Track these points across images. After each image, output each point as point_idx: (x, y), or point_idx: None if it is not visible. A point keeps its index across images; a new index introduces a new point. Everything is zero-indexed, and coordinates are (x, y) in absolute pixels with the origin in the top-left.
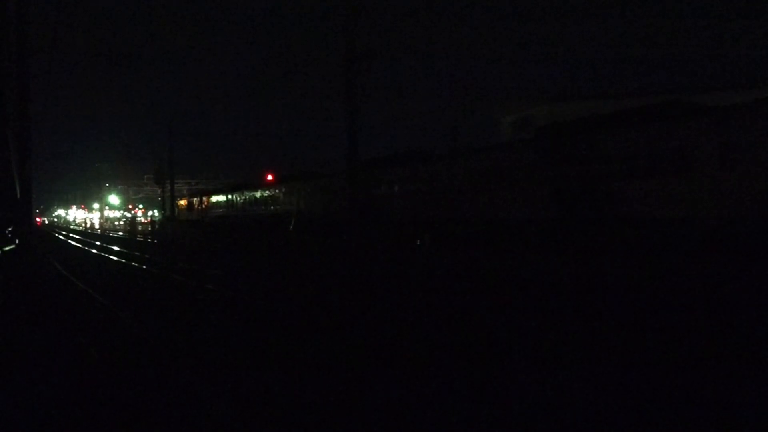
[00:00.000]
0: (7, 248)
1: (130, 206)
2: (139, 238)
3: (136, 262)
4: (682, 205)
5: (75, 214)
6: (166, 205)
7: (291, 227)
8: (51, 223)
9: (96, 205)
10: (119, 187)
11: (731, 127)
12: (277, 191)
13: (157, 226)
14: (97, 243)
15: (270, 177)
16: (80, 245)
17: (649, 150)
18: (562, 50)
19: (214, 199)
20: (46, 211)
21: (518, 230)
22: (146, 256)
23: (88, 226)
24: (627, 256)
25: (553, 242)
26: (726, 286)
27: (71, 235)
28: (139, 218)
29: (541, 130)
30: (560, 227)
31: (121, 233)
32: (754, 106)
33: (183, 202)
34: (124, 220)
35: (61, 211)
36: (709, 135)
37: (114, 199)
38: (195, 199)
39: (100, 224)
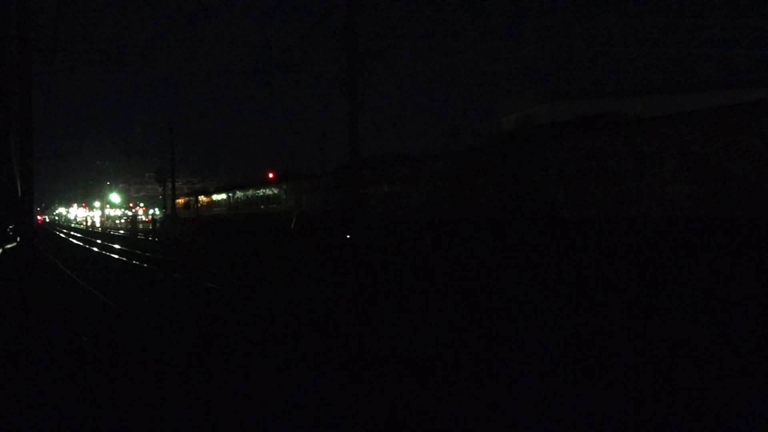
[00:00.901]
0: (9, 246)
1: (131, 205)
2: (140, 237)
3: (137, 261)
4: (605, 207)
5: (76, 213)
6: (168, 203)
7: (292, 226)
8: (52, 221)
9: (97, 204)
10: (120, 185)
11: (644, 137)
12: (278, 190)
13: (158, 225)
14: (98, 241)
15: (271, 175)
16: (81, 243)
17: (578, 158)
18: (565, 48)
19: (216, 197)
20: (47, 209)
21: (472, 229)
22: (147, 254)
23: (89, 224)
24: (558, 251)
25: (499, 240)
26: (637, 276)
27: (72, 233)
28: (140, 217)
29: (493, 139)
30: (507, 227)
31: (122, 232)
32: (661, 120)
33: (184, 201)
34: (125, 218)
35: (62, 210)
36: (625, 145)
37: (115, 197)
38: (197, 197)
39: (101, 223)
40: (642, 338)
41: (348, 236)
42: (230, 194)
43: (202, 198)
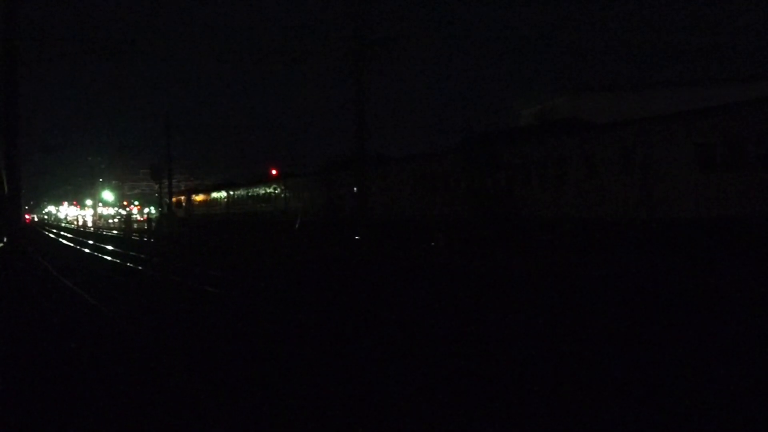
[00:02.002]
0: None
1: (125, 203)
2: (135, 237)
3: (131, 263)
4: (559, 207)
5: (66, 211)
6: (164, 201)
7: (297, 226)
8: (41, 220)
9: (89, 202)
10: (113, 182)
11: (594, 143)
12: (281, 188)
13: (153, 225)
14: (90, 242)
15: (274, 172)
16: (72, 244)
17: (537, 162)
18: (585, 40)
19: (215, 195)
20: (36, 207)
21: (441, 227)
22: (141, 256)
23: (80, 223)
24: (519, 246)
25: (465, 236)
26: (593, 267)
27: (62, 233)
28: (134, 216)
29: (462, 142)
30: (473, 224)
31: (115, 231)
32: (610, 127)
33: (182, 199)
34: (119, 217)
35: (51, 208)
36: (578, 150)
37: (108, 195)
38: (195, 196)
39: (93, 222)
40: (583, 324)
41: (357, 237)
42: (241, 192)
43: (198, 197)
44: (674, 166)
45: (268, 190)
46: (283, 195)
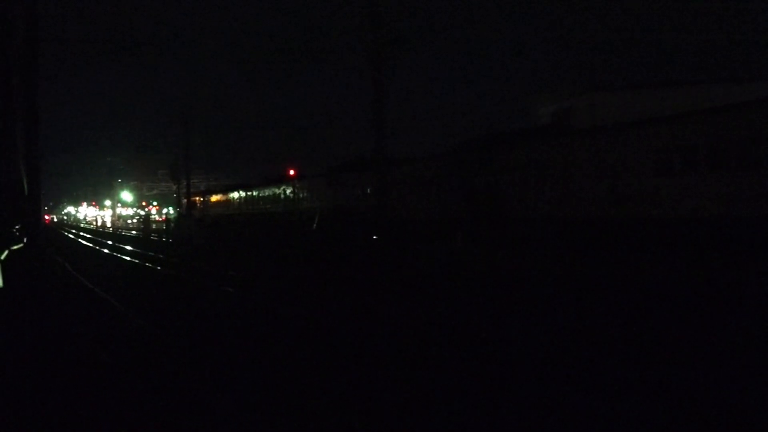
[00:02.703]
0: (15, 247)
1: (143, 203)
2: (153, 237)
3: (149, 263)
4: (542, 207)
5: (85, 212)
6: (182, 202)
7: (315, 226)
8: (60, 221)
9: (108, 203)
10: (132, 183)
11: (570, 148)
12: (299, 188)
13: (172, 225)
14: (109, 242)
15: (292, 172)
16: (91, 245)
17: (521, 166)
18: (607, 36)
19: (234, 195)
20: (55, 208)
21: (439, 226)
22: (160, 256)
23: (99, 224)
24: (510, 244)
25: (463, 234)
26: (577, 262)
27: (81, 233)
28: (153, 216)
29: (457, 146)
30: (468, 224)
31: (134, 232)
32: (584, 132)
33: (200, 200)
34: (138, 218)
35: (70, 209)
36: (557, 155)
37: (127, 195)
38: (210, 196)
39: (112, 222)
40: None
41: (375, 237)
42: (261, 192)
43: (214, 197)
44: (638, 170)
45: (278, 191)
46: (294, 195)
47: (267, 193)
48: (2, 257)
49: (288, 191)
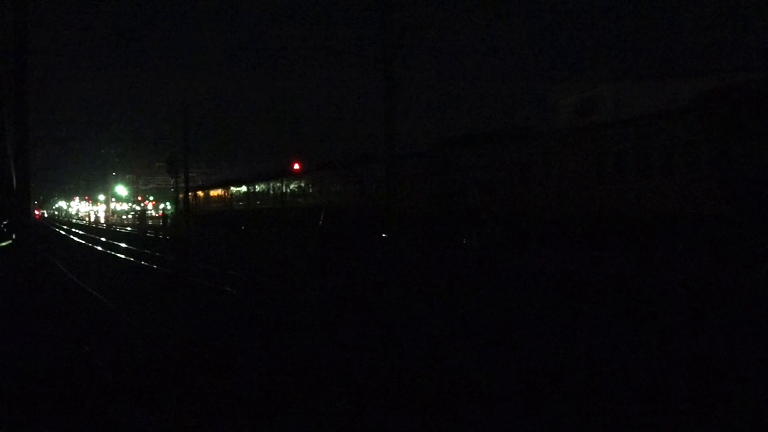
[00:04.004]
0: (3, 244)
1: (139, 198)
2: (150, 234)
3: (145, 261)
4: (500, 205)
5: (78, 207)
6: (180, 196)
7: (320, 223)
8: (51, 216)
9: (101, 197)
10: (128, 176)
11: (524, 152)
12: (304, 182)
13: (169, 221)
14: (103, 239)
15: (296, 166)
16: (84, 241)
17: (484, 167)
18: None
19: (235, 190)
20: (46, 203)
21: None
22: (156, 254)
23: (92, 219)
24: (468, 237)
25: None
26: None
27: (74, 230)
28: (149, 211)
29: (431, 145)
30: (437, 220)
31: (129, 228)
32: (536, 137)
33: (199, 194)
34: (133, 213)
35: (62, 203)
36: (512, 157)
37: (122, 190)
38: (213, 191)
39: (106, 218)
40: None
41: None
42: (263, 186)
43: (226, 190)
44: (582, 173)
45: (305, 184)
46: (298, 191)
47: (287, 187)
48: None
49: (291, 186)
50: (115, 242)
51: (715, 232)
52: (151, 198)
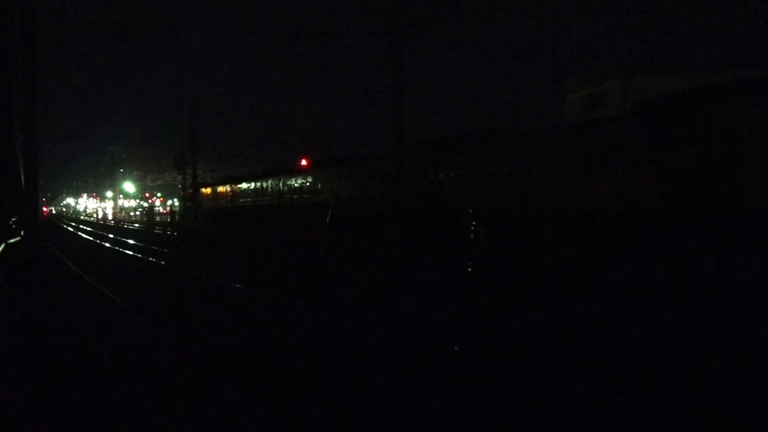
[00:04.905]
0: (12, 241)
1: (147, 195)
2: (157, 230)
3: (153, 258)
4: (470, 203)
5: (86, 204)
6: (187, 193)
7: (328, 219)
8: (59, 213)
9: (109, 194)
10: (135, 173)
11: (491, 154)
12: (312, 178)
13: (177, 217)
14: (111, 236)
15: (304, 162)
16: (92, 238)
17: (459, 165)
18: (642, 15)
19: (243, 186)
20: (54, 200)
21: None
22: (165, 250)
23: (100, 216)
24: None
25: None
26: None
27: (81, 226)
28: (157, 208)
29: (413, 145)
30: (420, 216)
31: (137, 225)
32: (500, 140)
33: (207, 191)
34: (141, 210)
35: (70, 200)
36: (480, 158)
37: (129, 186)
38: (220, 187)
39: (114, 215)
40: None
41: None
42: (270, 182)
43: (233, 186)
44: (541, 173)
45: (313, 180)
46: (304, 187)
47: (295, 183)
48: None
49: (298, 182)
50: (124, 239)
51: (653, 226)
52: (159, 194)
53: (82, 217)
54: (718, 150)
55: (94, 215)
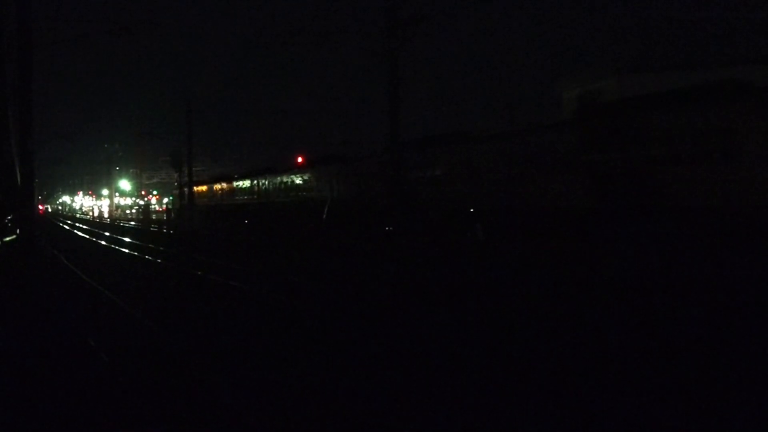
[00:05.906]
0: (7, 239)
1: (143, 192)
2: (153, 228)
3: (149, 255)
4: (439, 201)
5: (82, 201)
6: (182, 191)
7: (324, 216)
8: (55, 211)
9: (105, 192)
10: (131, 171)
11: (453, 156)
12: (308, 176)
13: (173, 215)
14: (106, 233)
15: (300, 160)
16: (88, 236)
17: (428, 165)
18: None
19: (239, 184)
20: (50, 197)
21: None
22: (160, 248)
23: (95, 214)
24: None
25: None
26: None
27: (77, 224)
28: (153, 206)
29: (384, 149)
30: (396, 213)
31: (133, 223)
32: (463, 143)
33: (202, 188)
34: (137, 208)
35: (66, 198)
36: (445, 159)
37: (125, 184)
38: (216, 185)
39: (110, 213)
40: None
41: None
42: (266, 180)
43: (229, 184)
44: (495, 173)
45: (309, 177)
46: (318, 182)
47: (291, 180)
48: None
49: (296, 180)
50: (119, 236)
51: (588, 221)
52: (155, 192)
53: (77, 215)
54: (637, 154)
55: (90, 213)
